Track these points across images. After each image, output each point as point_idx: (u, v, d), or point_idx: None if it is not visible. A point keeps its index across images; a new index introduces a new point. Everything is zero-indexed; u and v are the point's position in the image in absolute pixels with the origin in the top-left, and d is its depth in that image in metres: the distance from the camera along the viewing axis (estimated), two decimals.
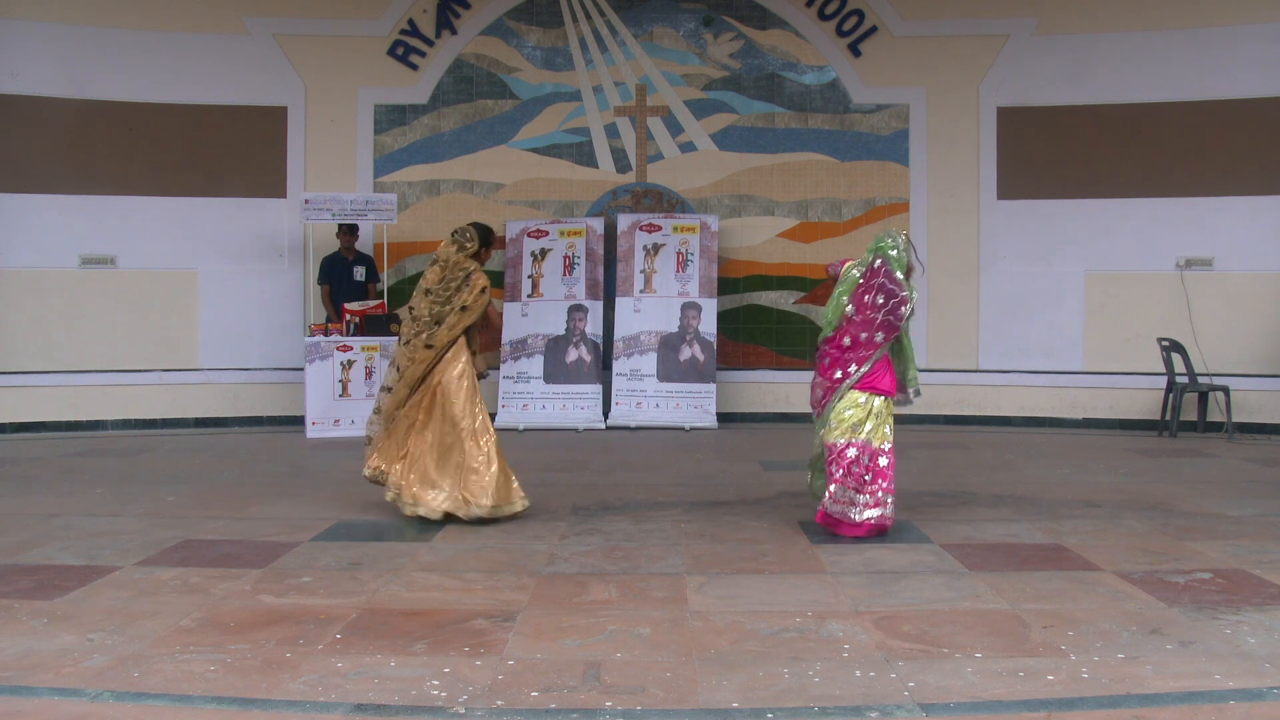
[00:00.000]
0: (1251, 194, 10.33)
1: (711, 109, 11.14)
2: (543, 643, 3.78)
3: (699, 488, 7.04)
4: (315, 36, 10.99)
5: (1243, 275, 10.39)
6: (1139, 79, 10.53)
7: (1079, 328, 10.67)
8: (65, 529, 5.66)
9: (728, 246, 11.00)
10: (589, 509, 6.26)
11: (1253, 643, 3.73)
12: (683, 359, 10.48)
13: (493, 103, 11.12)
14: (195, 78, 10.74)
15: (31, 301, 10.54)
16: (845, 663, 3.55)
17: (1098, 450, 8.91)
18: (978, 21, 10.88)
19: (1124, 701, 3.21)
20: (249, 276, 10.85)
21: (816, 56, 11.08)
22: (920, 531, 5.60)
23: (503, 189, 11.10)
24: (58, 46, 10.55)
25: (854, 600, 4.30)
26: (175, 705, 3.22)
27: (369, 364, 9.80)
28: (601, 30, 11.19)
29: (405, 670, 3.48)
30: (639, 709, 3.16)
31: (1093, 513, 6.07)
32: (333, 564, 4.91)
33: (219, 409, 10.64)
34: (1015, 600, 4.27)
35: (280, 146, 10.92)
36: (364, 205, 10.33)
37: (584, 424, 10.22)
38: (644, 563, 4.94)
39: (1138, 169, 10.60)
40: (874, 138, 11.04)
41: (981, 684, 3.35)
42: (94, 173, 10.64)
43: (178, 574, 4.73)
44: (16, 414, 10.25)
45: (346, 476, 7.61)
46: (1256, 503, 6.46)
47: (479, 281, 5.87)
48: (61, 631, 3.88)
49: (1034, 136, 10.77)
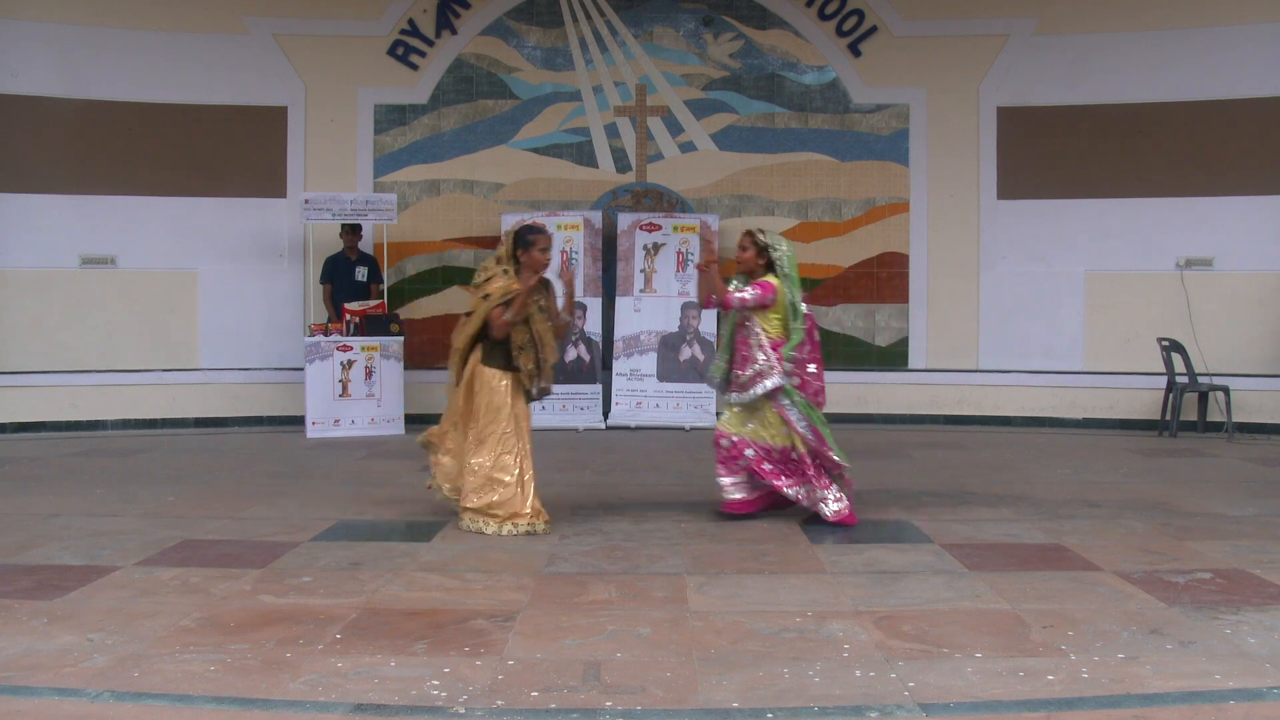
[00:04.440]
0: (1251, 194, 10.33)
1: (711, 109, 11.14)
2: (543, 643, 3.78)
3: (699, 488, 7.03)
4: (315, 36, 10.99)
5: (1243, 275, 10.39)
6: (1139, 79, 10.53)
7: (1079, 328, 10.67)
8: (65, 529, 5.66)
9: (728, 246, 10.98)
10: (589, 509, 6.26)
11: (1253, 643, 3.73)
12: (683, 359, 10.49)
13: (493, 103, 11.12)
14: (195, 78, 10.74)
15: (31, 301, 10.54)
16: (845, 663, 3.55)
17: (1098, 450, 8.91)
18: (978, 21, 10.89)
19: (1124, 701, 3.21)
20: (249, 276, 10.86)
21: (816, 56, 11.08)
22: (920, 531, 5.60)
23: (503, 189, 11.10)
24: (58, 46, 10.55)
25: (854, 600, 4.30)
26: (175, 705, 3.22)
27: (369, 364, 9.80)
28: (601, 30, 11.19)
29: (405, 670, 3.48)
30: (639, 709, 3.16)
31: (1093, 513, 6.07)
32: (333, 564, 4.90)
33: (219, 409, 10.64)
34: (1015, 600, 4.27)
35: (280, 146, 10.92)
36: (364, 205, 10.33)
37: (584, 424, 10.22)
38: (644, 563, 4.94)
39: (1138, 169, 10.60)
40: (874, 138, 11.04)
41: (981, 684, 3.35)
42: (94, 173, 10.64)
43: (178, 574, 4.73)
44: (16, 414, 10.25)
45: (347, 476, 7.62)
46: (1256, 503, 6.46)
47: (486, 286, 5.58)
48: (61, 631, 3.88)
49: (1034, 136, 10.77)
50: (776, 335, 5.73)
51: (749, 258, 5.77)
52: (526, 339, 5.57)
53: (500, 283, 5.52)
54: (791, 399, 5.70)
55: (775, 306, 5.72)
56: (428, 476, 6.04)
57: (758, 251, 5.77)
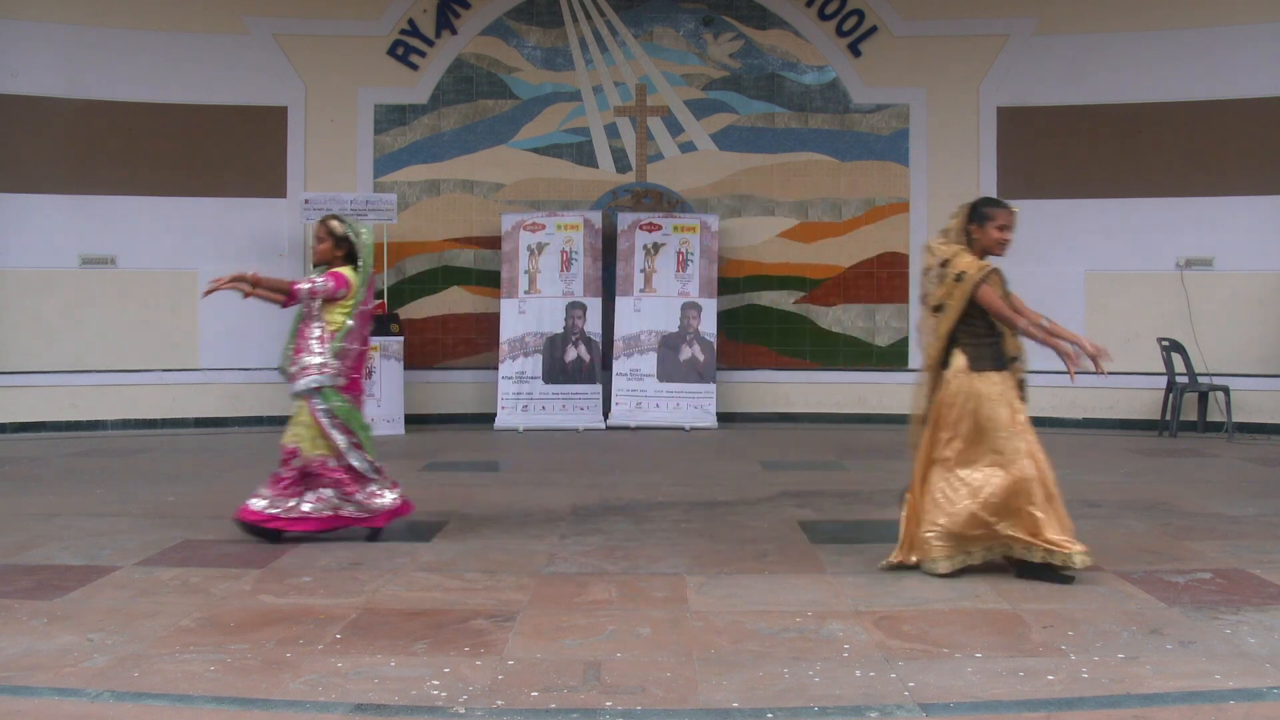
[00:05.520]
0: (1251, 194, 10.33)
1: (711, 109, 11.14)
2: (543, 643, 3.77)
3: (699, 488, 7.03)
4: (315, 36, 10.99)
5: (1243, 275, 10.39)
6: (1139, 79, 10.53)
7: (1079, 328, 10.53)
8: (65, 529, 5.66)
9: (728, 246, 11.00)
10: (589, 509, 6.26)
11: (1253, 643, 3.73)
12: (683, 359, 10.48)
13: (493, 103, 11.12)
14: (195, 78, 10.74)
15: (31, 301, 10.54)
16: (845, 663, 3.55)
17: (1098, 450, 8.91)
18: (978, 21, 10.89)
19: (1124, 701, 3.21)
20: None
21: (816, 56, 11.08)
22: None
23: (503, 189, 11.10)
24: (58, 46, 10.55)
25: (854, 600, 4.30)
26: (175, 705, 3.22)
27: (369, 364, 9.78)
28: (601, 30, 11.19)
29: (405, 670, 3.48)
30: (639, 709, 3.16)
31: (1093, 513, 6.07)
32: (333, 564, 4.90)
33: (219, 409, 10.63)
34: (1015, 600, 4.27)
35: (280, 146, 10.92)
36: (364, 205, 10.33)
37: (584, 424, 10.21)
38: (644, 562, 4.94)
39: (1138, 169, 10.59)
40: (874, 138, 11.04)
41: (981, 684, 3.35)
42: (94, 173, 10.64)
43: (178, 574, 4.73)
44: (16, 414, 10.25)
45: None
46: (1256, 503, 6.46)
47: (956, 266, 4.67)
48: (61, 631, 3.88)
49: (1034, 136, 10.77)
50: (335, 329, 5.35)
51: (325, 249, 5.40)
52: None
53: (969, 258, 4.71)
54: (328, 401, 5.26)
55: (346, 299, 5.34)
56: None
57: (335, 242, 5.40)
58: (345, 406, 5.31)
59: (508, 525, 5.80)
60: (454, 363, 11.07)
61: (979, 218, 4.79)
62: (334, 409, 5.28)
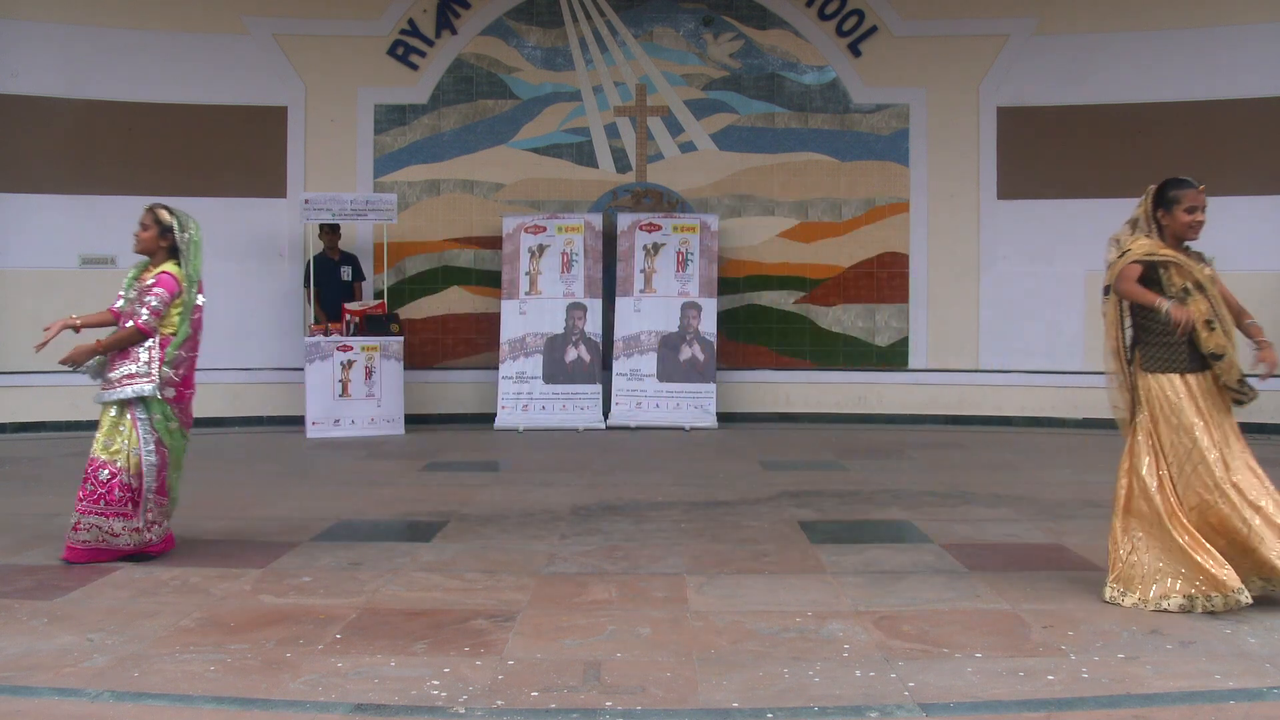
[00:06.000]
0: (1251, 194, 10.31)
1: (711, 109, 11.14)
2: (543, 643, 3.78)
3: (699, 488, 7.03)
4: (315, 36, 10.99)
5: (1243, 275, 10.31)
6: (1139, 79, 10.53)
7: (1079, 328, 10.65)
8: (65, 529, 5.64)
9: (728, 246, 10.99)
10: (589, 509, 6.26)
11: (1253, 643, 3.73)
12: (683, 359, 10.48)
13: (493, 103, 11.12)
14: (195, 78, 10.73)
15: (31, 301, 10.52)
16: (845, 663, 3.55)
17: (1098, 450, 8.90)
18: (978, 21, 10.88)
19: (1124, 701, 3.21)
20: (249, 276, 10.84)
21: (816, 56, 11.08)
22: (920, 531, 5.60)
23: (503, 189, 11.10)
24: (58, 46, 10.54)
25: (854, 600, 4.30)
26: (175, 705, 3.22)
27: (369, 364, 9.79)
28: (601, 30, 11.19)
29: (405, 670, 3.48)
30: (639, 709, 3.16)
31: (1093, 513, 6.06)
32: (333, 564, 4.91)
33: (219, 409, 10.60)
34: (1015, 600, 4.27)
35: (280, 146, 10.91)
36: (364, 205, 10.32)
37: (584, 424, 10.21)
38: (644, 563, 4.94)
39: (1138, 169, 10.54)
40: (874, 138, 11.04)
41: (981, 684, 3.35)
42: (94, 173, 10.63)
43: (178, 574, 4.73)
44: (16, 414, 10.25)
45: (347, 476, 7.62)
46: None
47: (1121, 255, 4.50)
48: (61, 631, 3.88)
49: (1034, 136, 10.77)
50: (170, 332, 5.12)
51: (149, 237, 5.10)
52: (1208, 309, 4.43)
53: (1143, 241, 4.60)
54: (150, 413, 5.07)
55: (176, 300, 5.12)
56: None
57: (160, 231, 5.10)
58: (166, 422, 5.08)
59: (508, 525, 5.80)
60: (454, 363, 11.07)
61: (1165, 202, 4.54)
62: (154, 421, 5.06)
